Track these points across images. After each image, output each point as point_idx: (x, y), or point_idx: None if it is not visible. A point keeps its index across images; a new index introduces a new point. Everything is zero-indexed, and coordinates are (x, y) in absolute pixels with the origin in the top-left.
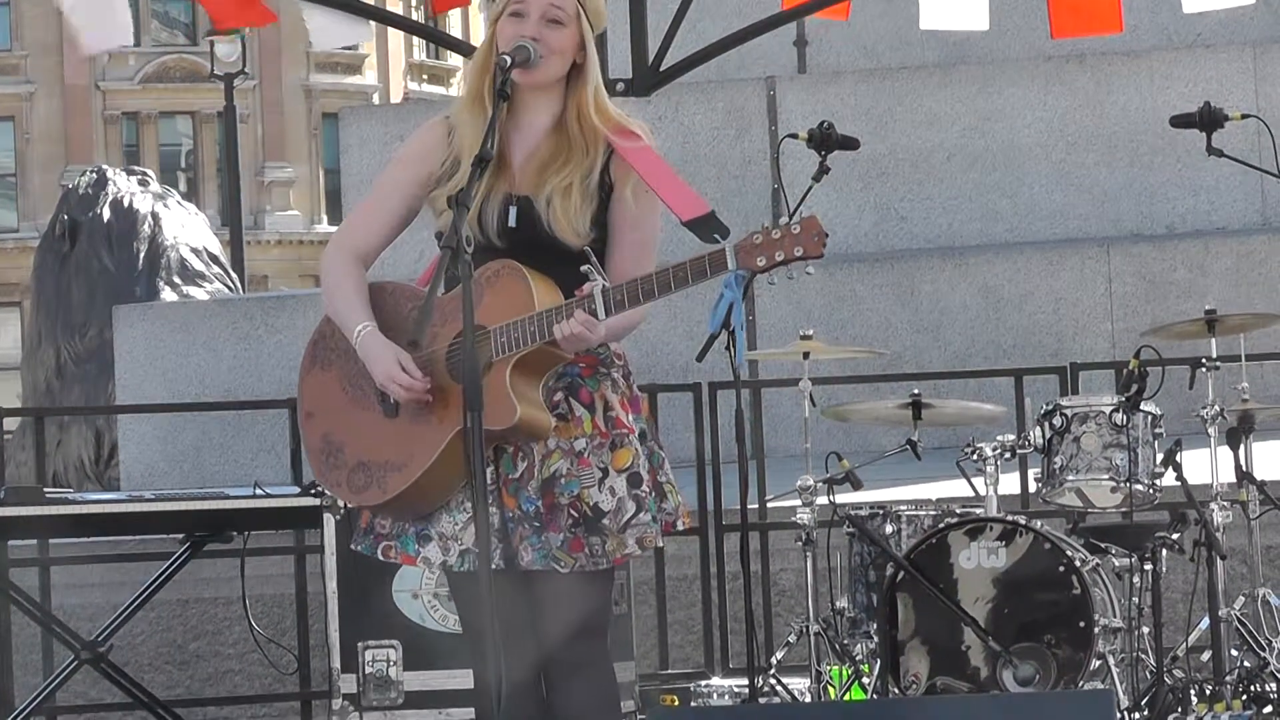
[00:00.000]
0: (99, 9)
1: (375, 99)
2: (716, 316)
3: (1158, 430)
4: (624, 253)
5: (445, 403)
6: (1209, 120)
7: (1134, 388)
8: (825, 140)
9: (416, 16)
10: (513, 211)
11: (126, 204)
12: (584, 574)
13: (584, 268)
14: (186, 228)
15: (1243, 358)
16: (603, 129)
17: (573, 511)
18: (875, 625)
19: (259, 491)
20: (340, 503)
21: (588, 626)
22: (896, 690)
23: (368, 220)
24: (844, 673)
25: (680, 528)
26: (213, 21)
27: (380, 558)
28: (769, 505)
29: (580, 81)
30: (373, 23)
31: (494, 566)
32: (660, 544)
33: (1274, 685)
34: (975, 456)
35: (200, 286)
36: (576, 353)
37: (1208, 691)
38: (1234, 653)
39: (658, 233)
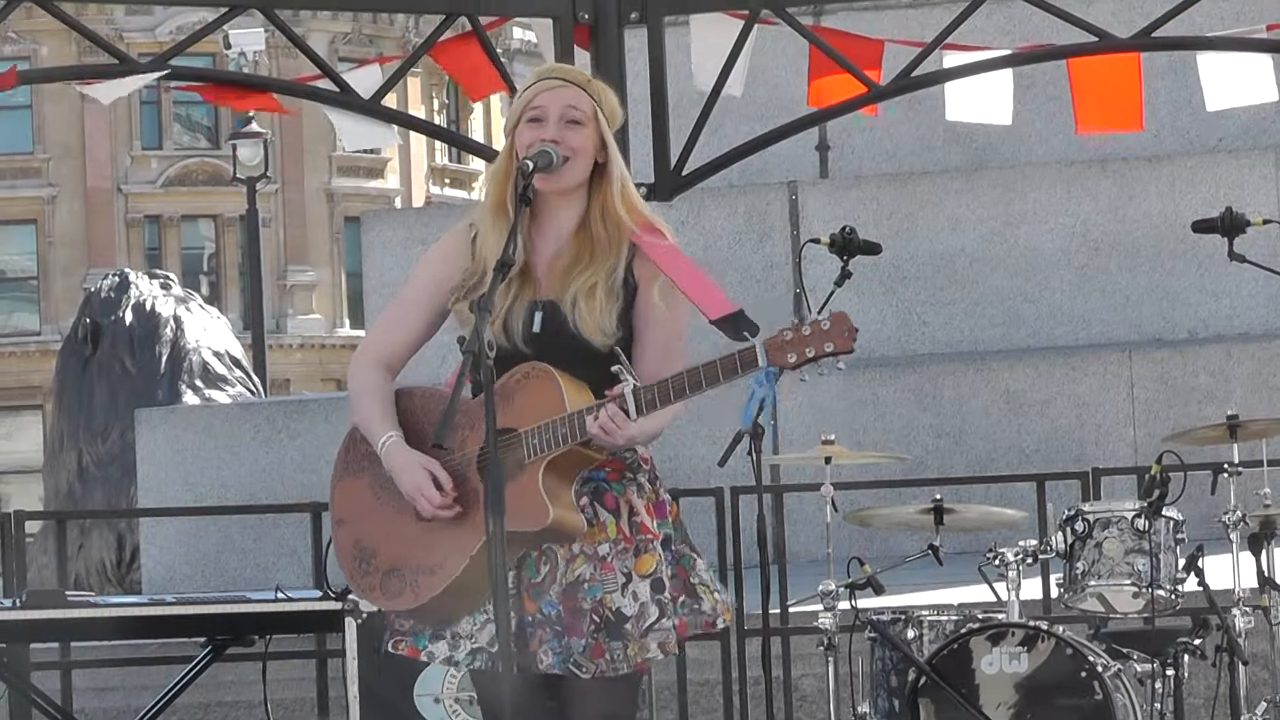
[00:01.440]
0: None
1: (397, 203)
2: (748, 413)
3: (1180, 536)
4: (651, 351)
5: (478, 506)
6: (1231, 225)
7: (1156, 493)
8: (847, 245)
9: (439, 120)
10: (538, 317)
11: (149, 307)
12: (608, 679)
13: (615, 368)
14: (209, 331)
15: (1264, 463)
16: (629, 224)
17: (595, 617)
18: None
19: (281, 595)
20: (362, 608)
21: None
22: None
23: (392, 328)
24: None
25: (721, 625)
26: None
27: (389, 650)
28: (791, 610)
29: (604, 180)
30: (397, 127)
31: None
32: (680, 648)
33: None
34: (997, 561)
35: (222, 390)
36: (607, 455)
37: None
38: None
39: (684, 331)
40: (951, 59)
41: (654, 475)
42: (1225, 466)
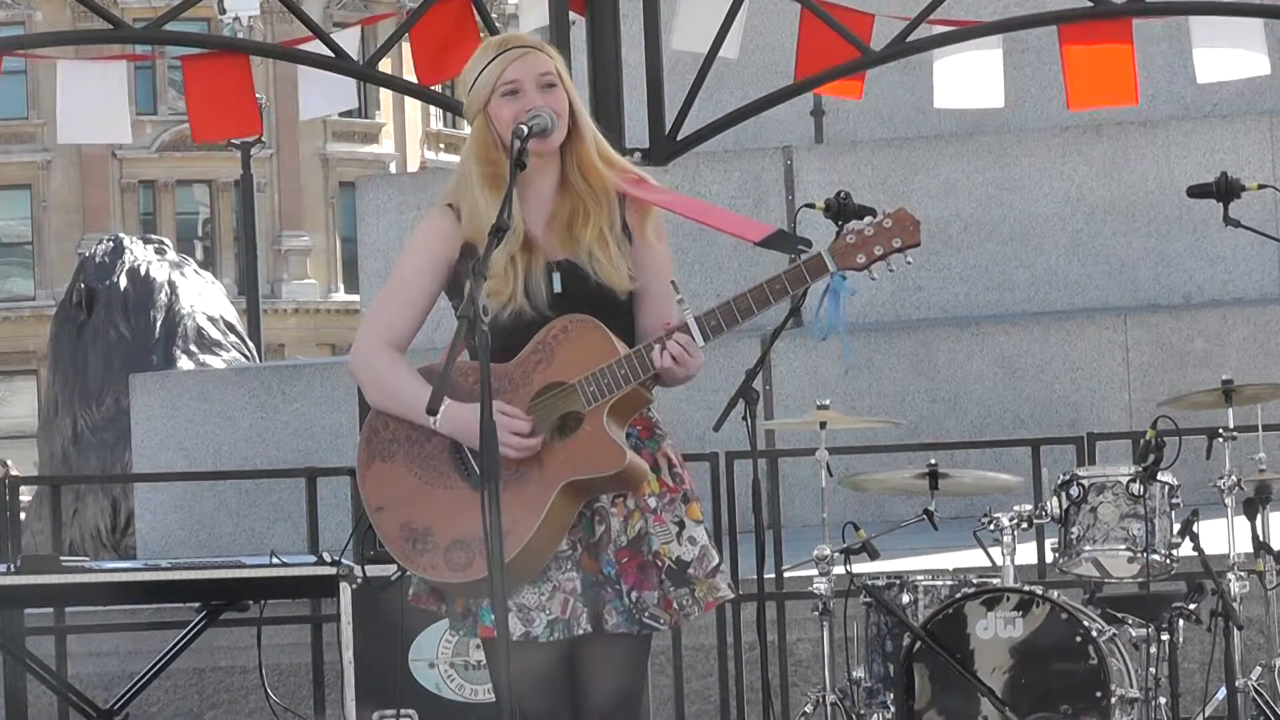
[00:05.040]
0: (98, 105)
1: (392, 168)
2: (832, 316)
3: (1175, 500)
4: (659, 299)
5: (539, 461)
6: (1226, 190)
7: (1151, 458)
8: (842, 210)
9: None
10: (556, 277)
11: (143, 272)
12: (635, 642)
13: (677, 298)
14: (203, 296)
15: (1260, 427)
16: (611, 176)
17: (658, 564)
18: (892, 696)
19: (275, 560)
20: (357, 572)
21: (627, 698)
22: None
23: (394, 311)
24: None
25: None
26: (192, 134)
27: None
28: (786, 575)
29: (576, 137)
30: (361, 85)
31: (581, 631)
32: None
33: None
34: (992, 526)
35: (217, 355)
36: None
37: None
38: None
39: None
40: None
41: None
42: (1220, 431)
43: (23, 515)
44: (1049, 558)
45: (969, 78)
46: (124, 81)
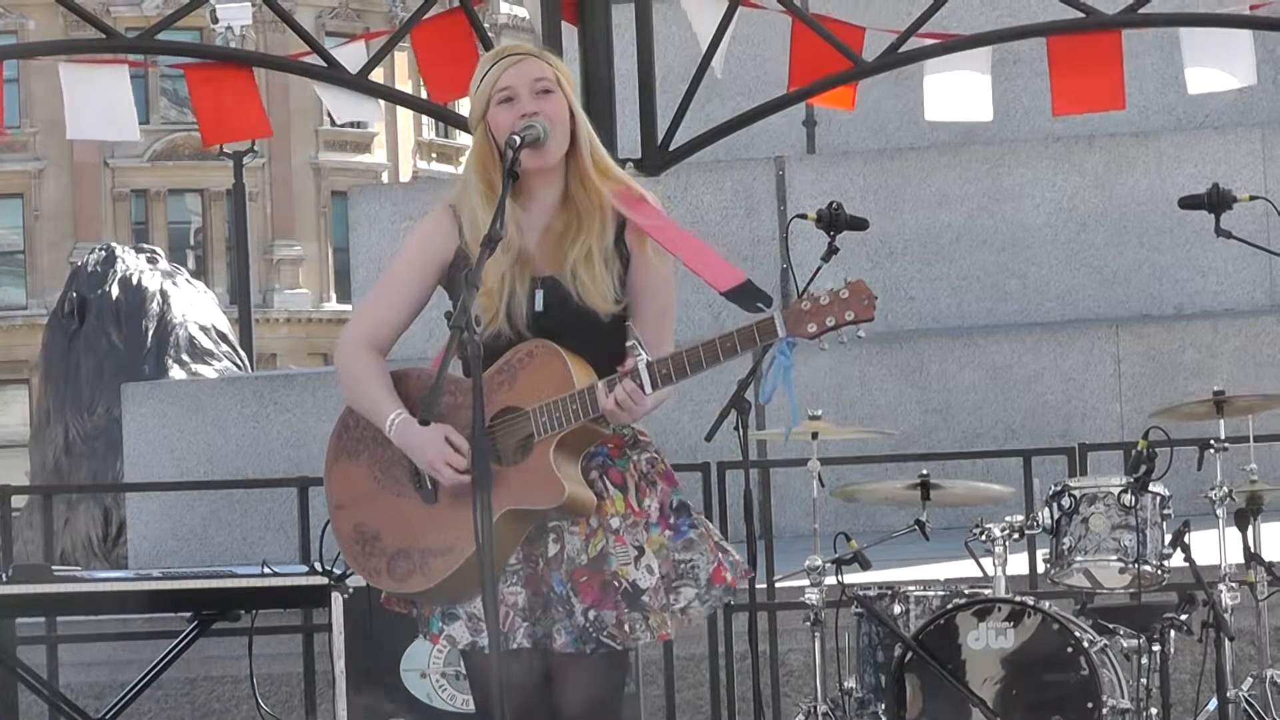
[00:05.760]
0: (104, 103)
1: (384, 177)
2: (768, 387)
3: (1166, 511)
4: (650, 323)
5: (488, 484)
6: (1217, 201)
7: (1142, 469)
8: (834, 220)
9: (425, 95)
10: (539, 296)
11: (135, 282)
12: (607, 656)
13: (629, 343)
14: (195, 305)
15: (1251, 439)
16: (606, 192)
17: (616, 584)
18: (883, 706)
19: (267, 570)
20: (349, 582)
21: (598, 712)
22: None
23: (381, 309)
24: None
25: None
26: (203, 138)
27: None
28: (777, 585)
29: (575, 145)
30: (382, 101)
31: (516, 645)
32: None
33: None
34: (984, 537)
35: (209, 364)
36: (612, 431)
37: None
38: None
39: (674, 298)
40: (935, 42)
41: (657, 449)
42: (1212, 442)
43: (14, 524)
44: (1040, 568)
45: (959, 91)
46: (126, 81)
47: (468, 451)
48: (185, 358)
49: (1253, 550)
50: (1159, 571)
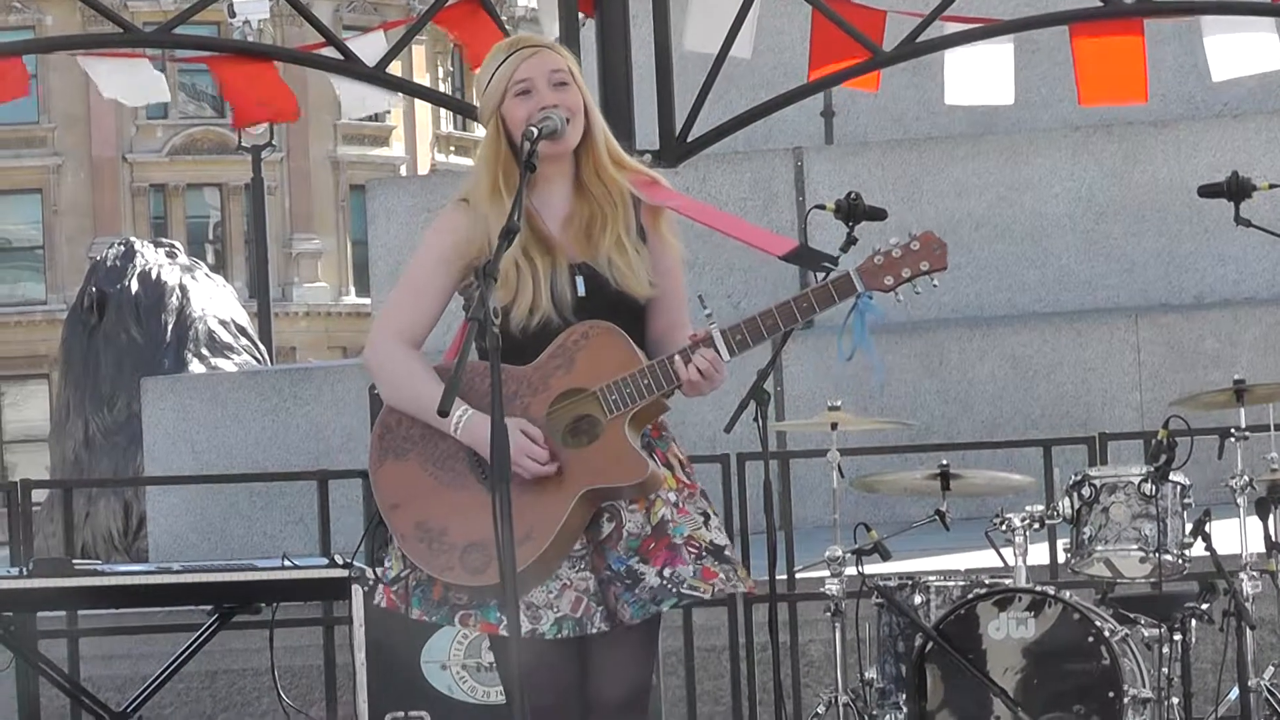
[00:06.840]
0: (128, 75)
1: (402, 170)
2: (856, 340)
3: (1186, 500)
4: (676, 301)
5: (558, 471)
6: (1237, 190)
7: (1163, 458)
8: (853, 211)
9: (444, 87)
10: (579, 281)
11: (154, 276)
12: (644, 638)
13: (706, 312)
14: (214, 300)
15: (1271, 427)
16: (623, 181)
17: (691, 548)
18: (904, 696)
19: (287, 563)
20: (368, 574)
21: (638, 691)
22: None
23: (408, 307)
24: None
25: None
26: (234, 119)
27: (457, 625)
28: (797, 576)
29: (589, 136)
30: (399, 92)
31: (595, 630)
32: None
33: None
34: (1004, 527)
35: (228, 358)
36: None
37: None
38: None
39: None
40: (953, 30)
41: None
42: (1232, 431)
43: (34, 518)
44: (1061, 558)
45: (979, 74)
46: (148, 65)
47: (544, 442)
48: (205, 352)
49: (1274, 539)
50: (1180, 561)
